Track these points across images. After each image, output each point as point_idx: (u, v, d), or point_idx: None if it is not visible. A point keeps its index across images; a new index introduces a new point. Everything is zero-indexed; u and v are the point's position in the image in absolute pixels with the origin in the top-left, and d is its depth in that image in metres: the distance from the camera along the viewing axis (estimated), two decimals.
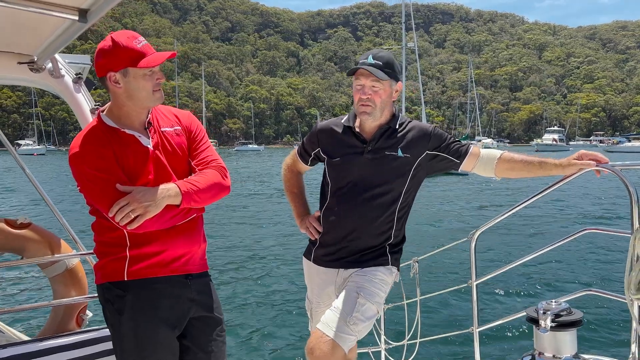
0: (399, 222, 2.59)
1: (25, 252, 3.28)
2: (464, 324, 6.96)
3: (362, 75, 2.48)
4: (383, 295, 2.52)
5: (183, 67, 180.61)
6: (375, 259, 2.56)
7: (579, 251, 11.54)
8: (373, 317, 2.42)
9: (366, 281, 2.46)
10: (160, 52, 2.05)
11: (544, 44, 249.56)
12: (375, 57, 2.49)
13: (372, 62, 2.46)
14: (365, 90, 2.48)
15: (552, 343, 1.94)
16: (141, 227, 1.94)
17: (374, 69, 2.45)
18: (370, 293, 2.42)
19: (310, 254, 2.71)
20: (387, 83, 2.49)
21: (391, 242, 2.60)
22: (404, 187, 2.54)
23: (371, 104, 2.48)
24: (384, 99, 2.51)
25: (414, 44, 48.34)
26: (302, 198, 2.92)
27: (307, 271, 2.78)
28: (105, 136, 2.04)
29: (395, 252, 2.63)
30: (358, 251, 2.56)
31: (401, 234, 2.65)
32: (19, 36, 2.65)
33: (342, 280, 2.58)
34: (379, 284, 2.49)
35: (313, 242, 2.72)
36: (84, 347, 2.56)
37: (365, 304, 2.37)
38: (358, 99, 2.51)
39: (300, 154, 2.83)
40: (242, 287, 9.35)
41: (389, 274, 2.58)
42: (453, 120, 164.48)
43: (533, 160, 2.44)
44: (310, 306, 2.79)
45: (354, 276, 2.51)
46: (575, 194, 24.40)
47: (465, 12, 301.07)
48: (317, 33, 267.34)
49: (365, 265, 2.54)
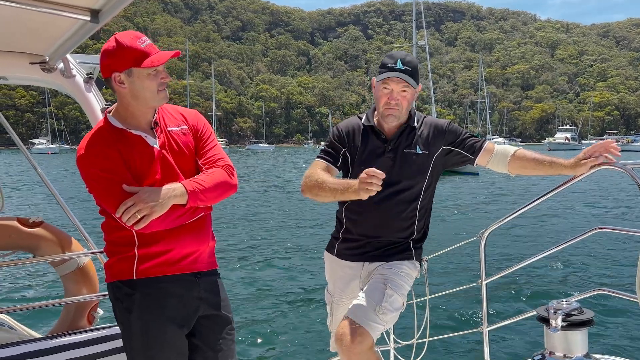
0: (421, 217, 2.63)
1: (38, 251, 3.32)
2: (473, 323, 6.94)
3: (392, 81, 2.49)
4: (408, 288, 2.56)
5: (194, 66, 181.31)
6: (401, 253, 2.60)
7: (590, 250, 11.43)
8: (399, 309, 2.46)
9: (393, 273, 2.50)
10: (164, 51, 2.05)
11: (556, 42, 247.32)
12: (404, 62, 2.49)
13: (402, 68, 2.47)
14: (394, 95, 2.50)
15: (562, 343, 1.94)
16: (148, 227, 1.95)
17: (406, 77, 2.47)
18: (397, 285, 2.46)
19: (334, 248, 2.73)
20: (414, 85, 2.53)
21: (414, 237, 2.64)
22: (424, 183, 2.59)
23: (399, 107, 2.52)
24: (410, 102, 2.56)
25: (425, 42, 48.09)
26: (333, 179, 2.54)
27: (329, 265, 2.79)
28: (112, 137, 2.05)
29: (418, 248, 2.68)
30: (382, 246, 2.60)
31: (424, 229, 2.69)
32: (31, 37, 2.67)
33: (367, 274, 2.61)
34: (405, 277, 2.54)
35: (336, 236, 2.74)
36: (95, 344, 2.57)
37: (393, 295, 2.42)
38: (385, 102, 2.52)
39: (326, 158, 2.64)
40: (252, 285, 9.36)
41: (414, 268, 2.63)
42: (464, 119, 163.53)
43: (544, 160, 2.45)
44: (331, 300, 2.79)
45: (380, 269, 2.55)
46: (586, 192, 24.17)
47: (476, 10, 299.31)
48: (327, 32, 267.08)
49: (391, 259, 2.58)
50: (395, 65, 2.48)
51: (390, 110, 2.52)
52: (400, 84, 2.49)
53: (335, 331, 2.37)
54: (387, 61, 2.52)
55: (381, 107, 2.55)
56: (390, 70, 2.48)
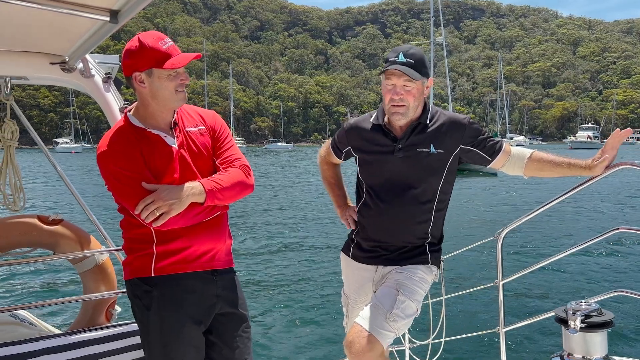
0: (436, 220, 2.54)
1: (57, 248, 3.36)
2: (489, 323, 6.85)
3: (394, 75, 2.38)
4: (422, 293, 2.48)
5: (213, 66, 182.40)
6: (415, 257, 2.51)
7: (610, 251, 11.23)
8: (412, 315, 2.39)
9: (406, 278, 2.43)
10: (185, 53, 2.07)
11: (578, 39, 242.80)
12: (406, 55, 2.37)
13: (403, 61, 2.35)
14: (397, 90, 2.38)
15: (581, 344, 1.91)
16: (166, 224, 1.98)
17: (406, 69, 2.35)
18: (410, 291, 2.39)
19: (349, 249, 2.69)
20: (420, 81, 2.40)
21: (430, 241, 2.55)
22: (439, 184, 2.49)
23: (404, 103, 2.39)
24: (417, 97, 2.42)
25: (442, 38, 47.57)
26: (339, 188, 2.89)
27: (344, 267, 2.76)
28: (133, 135, 2.08)
29: (436, 251, 2.58)
30: (397, 249, 2.53)
31: (439, 231, 2.60)
32: (51, 37, 2.71)
33: (380, 277, 2.55)
34: (419, 282, 2.45)
35: (352, 238, 2.69)
36: (113, 341, 2.60)
37: (405, 302, 2.35)
38: (389, 99, 2.41)
39: (333, 148, 2.79)
40: (266, 283, 9.40)
41: (429, 272, 2.54)
42: (484, 117, 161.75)
43: (562, 162, 2.36)
44: (347, 301, 2.76)
45: (394, 273, 2.48)
46: (606, 191, 23.73)
47: (496, 7, 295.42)
48: (345, 30, 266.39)
49: (405, 263, 2.50)
50: (397, 59, 2.37)
51: (395, 108, 2.41)
52: (402, 77, 2.36)
53: (345, 338, 2.33)
54: (390, 55, 2.43)
55: (387, 104, 2.45)
56: (392, 64, 2.37)
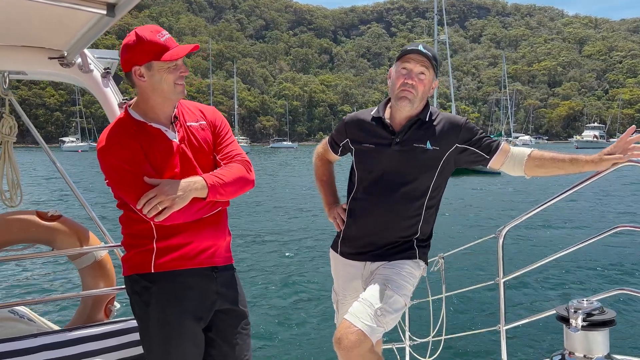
0: (427, 216, 2.54)
1: (56, 244, 3.37)
2: (490, 321, 6.81)
3: (413, 60, 2.44)
4: (411, 288, 2.49)
5: (218, 65, 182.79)
6: (403, 252, 2.52)
7: (612, 249, 11.17)
8: (401, 310, 2.40)
9: (394, 274, 2.44)
10: (183, 45, 2.06)
11: (584, 38, 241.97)
12: (425, 47, 2.46)
13: (424, 52, 2.44)
14: (411, 75, 2.44)
15: (583, 343, 1.89)
16: (168, 219, 1.96)
17: (428, 54, 2.43)
18: (398, 285, 2.40)
19: (337, 246, 2.70)
20: (432, 75, 2.48)
21: (419, 237, 2.56)
22: (432, 181, 2.50)
23: (414, 90, 2.44)
24: (426, 89, 2.48)
25: (446, 37, 47.49)
26: (331, 186, 2.93)
27: (333, 263, 2.77)
28: (133, 129, 2.07)
29: (423, 247, 2.59)
30: (385, 244, 2.53)
31: (429, 228, 2.60)
32: (49, 31, 2.71)
33: (368, 273, 2.56)
34: (407, 276, 2.46)
35: (340, 235, 2.70)
36: (112, 337, 2.60)
37: (393, 296, 2.35)
38: (402, 82, 2.45)
39: (330, 143, 2.82)
40: (266, 280, 9.42)
41: (417, 267, 2.55)
42: (489, 116, 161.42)
43: (564, 158, 2.36)
44: (337, 298, 2.78)
45: (382, 269, 2.49)
46: (609, 189, 23.63)
47: (502, 6, 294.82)
48: (350, 29, 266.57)
49: (393, 258, 2.51)
50: (417, 48, 2.45)
51: (405, 92, 2.44)
52: (420, 63, 2.43)
53: (334, 334, 2.33)
54: (409, 45, 2.50)
55: (397, 89, 2.48)
56: (411, 52, 2.45)
